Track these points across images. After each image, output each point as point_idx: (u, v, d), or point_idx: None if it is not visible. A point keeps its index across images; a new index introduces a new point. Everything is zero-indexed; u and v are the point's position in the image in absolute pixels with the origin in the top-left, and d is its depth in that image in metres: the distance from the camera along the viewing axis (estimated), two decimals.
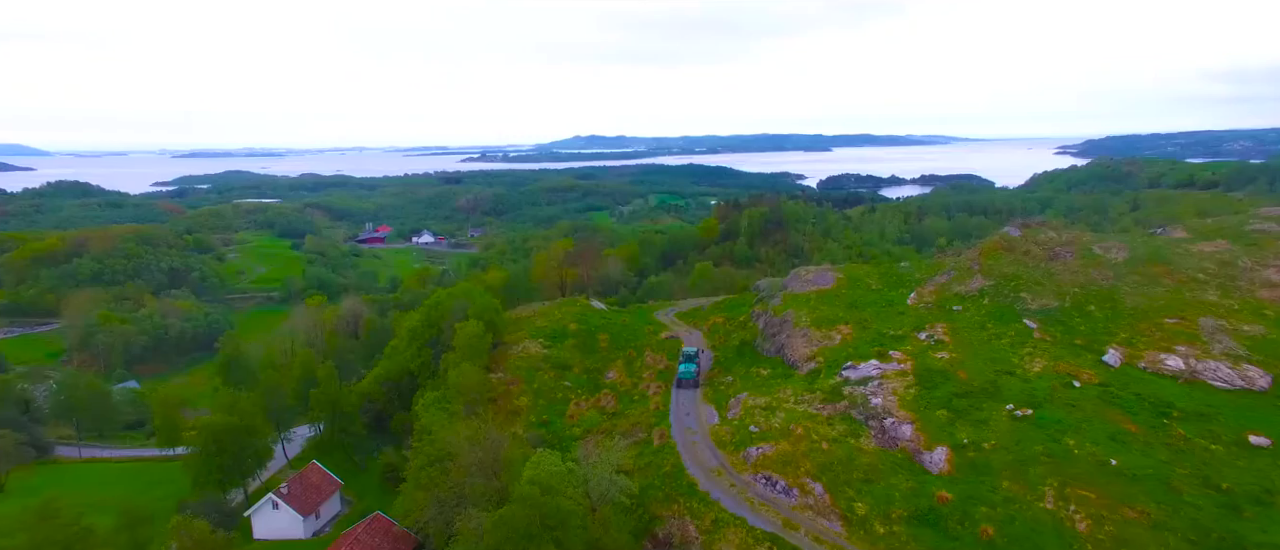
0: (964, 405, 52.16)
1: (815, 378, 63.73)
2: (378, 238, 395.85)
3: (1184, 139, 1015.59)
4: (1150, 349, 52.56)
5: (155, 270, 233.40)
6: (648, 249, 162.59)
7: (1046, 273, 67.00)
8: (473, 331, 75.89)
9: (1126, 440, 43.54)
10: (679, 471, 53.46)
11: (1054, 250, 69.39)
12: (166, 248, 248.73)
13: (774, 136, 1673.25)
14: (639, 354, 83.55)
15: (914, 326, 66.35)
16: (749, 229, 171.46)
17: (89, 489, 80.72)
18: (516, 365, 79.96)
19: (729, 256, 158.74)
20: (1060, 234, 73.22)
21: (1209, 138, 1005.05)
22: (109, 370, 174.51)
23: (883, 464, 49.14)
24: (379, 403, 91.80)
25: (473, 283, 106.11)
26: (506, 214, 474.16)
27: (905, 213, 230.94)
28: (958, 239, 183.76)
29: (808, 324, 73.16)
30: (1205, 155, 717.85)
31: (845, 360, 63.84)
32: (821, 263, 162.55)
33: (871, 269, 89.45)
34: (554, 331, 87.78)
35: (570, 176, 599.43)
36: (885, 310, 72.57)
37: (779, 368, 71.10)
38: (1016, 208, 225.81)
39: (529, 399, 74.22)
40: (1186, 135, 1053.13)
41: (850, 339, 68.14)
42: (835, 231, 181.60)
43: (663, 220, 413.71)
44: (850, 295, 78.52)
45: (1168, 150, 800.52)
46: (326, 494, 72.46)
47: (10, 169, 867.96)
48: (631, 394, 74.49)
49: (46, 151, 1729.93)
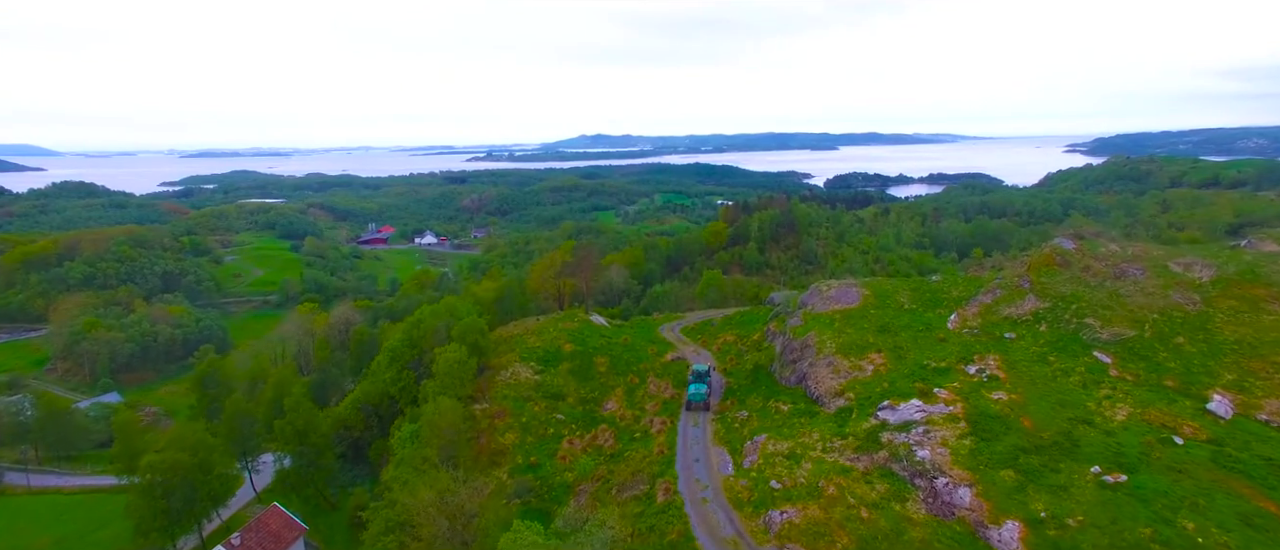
0: (1034, 464, 42.30)
1: (846, 418, 54.05)
2: (380, 238, 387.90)
3: (1195, 137, 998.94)
4: (1271, 396, 42.53)
5: (149, 274, 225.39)
6: (653, 255, 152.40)
7: (1113, 294, 56.93)
8: (453, 358, 66.57)
9: (1267, 526, 33.67)
10: (687, 541, 43.95)
11: (1120, 267, 59.28)
12: (161, 250, 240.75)
13: (780, 135, 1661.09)
14: (641, 380, 74.01)
15: (960, 357, 56.50)
16: (759, 233, 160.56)
17: (29, 527, 71.91)
18: (504, 394, 70.58)
19: (738, 262, 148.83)
20: (1124, 247, 62.90)
21: (1221, 135, 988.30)
22: (94, 379, 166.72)
23: (938, 541, 39.44)
24: (356, 431, 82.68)
25: (461, 298, 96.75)
26: (511, 214, 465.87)
27: (921, 215, 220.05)
28: (980, 244, 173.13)
29: (833, 351, 63.41)
30: (1218, 153, 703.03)
31: (881, 397, 54.14)
32: (837, 269, 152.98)
33: (901, 284, 79.50)
34: (547, 353, 78.36)
35: (575, 176, 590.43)
36: (923, 335, 62.68)
37: (801, 401, 61.39)
38: (1036, 208, 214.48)
39: (516, 435, 64.82)
40: (1198, 132, 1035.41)
41: (884, 370, 58.35)
42: (849, 235, 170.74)
43: (669, 220, 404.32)
44: (880, 316, 68.65)
45: (1179, 148, 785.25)
46: (287, 542, 63.30)
47: (20, 169, 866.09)
48: (633, 429, 64.98)
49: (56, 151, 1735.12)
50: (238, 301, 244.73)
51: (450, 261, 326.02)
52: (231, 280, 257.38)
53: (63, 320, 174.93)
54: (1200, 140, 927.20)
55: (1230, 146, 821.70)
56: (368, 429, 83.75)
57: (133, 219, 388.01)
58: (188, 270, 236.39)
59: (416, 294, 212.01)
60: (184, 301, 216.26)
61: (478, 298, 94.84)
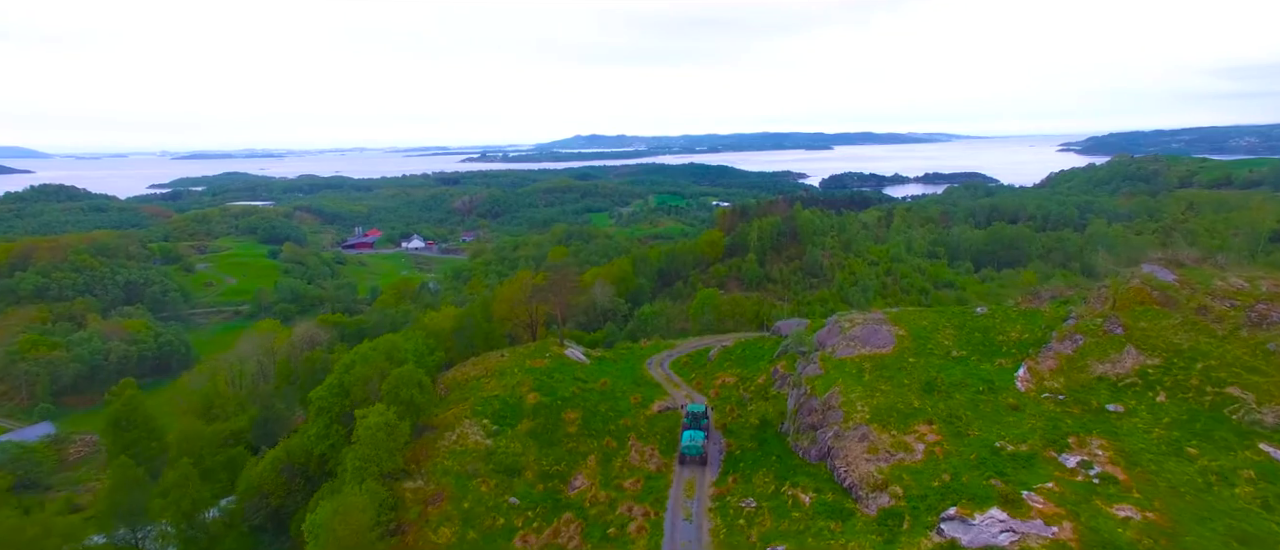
0: None
1: (895, 529, 38.32)
2: (366, 242, 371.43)
3: (1188, 135, 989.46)
4: None
5: (110, 285, 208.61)
6: (642, 268, 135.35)
7: (1258, 349, 41.38)
8: (376, 424, 50.66)
9: None
10: None
11: (1256, 310, 43.71)
12: (125, 259, 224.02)
13: (775, 135, 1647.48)
14: (620, 443, 58.18)
15: (1047, 438, 40.84)
16: (759, 243, 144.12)
17: None
18: (444, 466, 54.65)
19: (736, 276, 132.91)
20: (1257, 284, 47.13)
21: (1214, 133, 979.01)
22: (32, 404, 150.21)
23: None
24: (275, 499, 66.69)
25: (410, 333, 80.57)
26: (503, 216, 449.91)
27: (927, 219, 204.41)
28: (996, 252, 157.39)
29: (867, 417, 47.69)
30: (1211, 151, 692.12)
31: (942, 498, 38.46)
32: (845, 284, 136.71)
33: (940, 316, 63.75)
34: (505, 406, 62.44)
35: (568, 177, 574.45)
36: (985, 399, 47.00)
37: (827, 488, 45.63)
38: (1050, 212, 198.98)
39: (454, 529, 48.92)
40: (1190, 131, 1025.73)
41: (941, 453, 42.62)
42: (856, 243, 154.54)
43: (663, 222, 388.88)
44: (923, 367, 52.94)
45: (1172, 147, 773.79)
46: None
47: (8, 171, 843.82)
48: (605, 519, 49.16)
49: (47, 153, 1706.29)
50: (208, 312, 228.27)
51: (436, 267, 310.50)
52: (202, 290, 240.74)
53: (1, 338, 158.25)
54: (1193, 139, 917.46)
55: (1223, 145, 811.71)
56: (291, 495, 67.76)
57: (113, 223, 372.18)
58: (153, 280, 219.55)
59: (393, 306, 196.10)
60: (146, 314, 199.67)
61: (431, 331, 78.77)
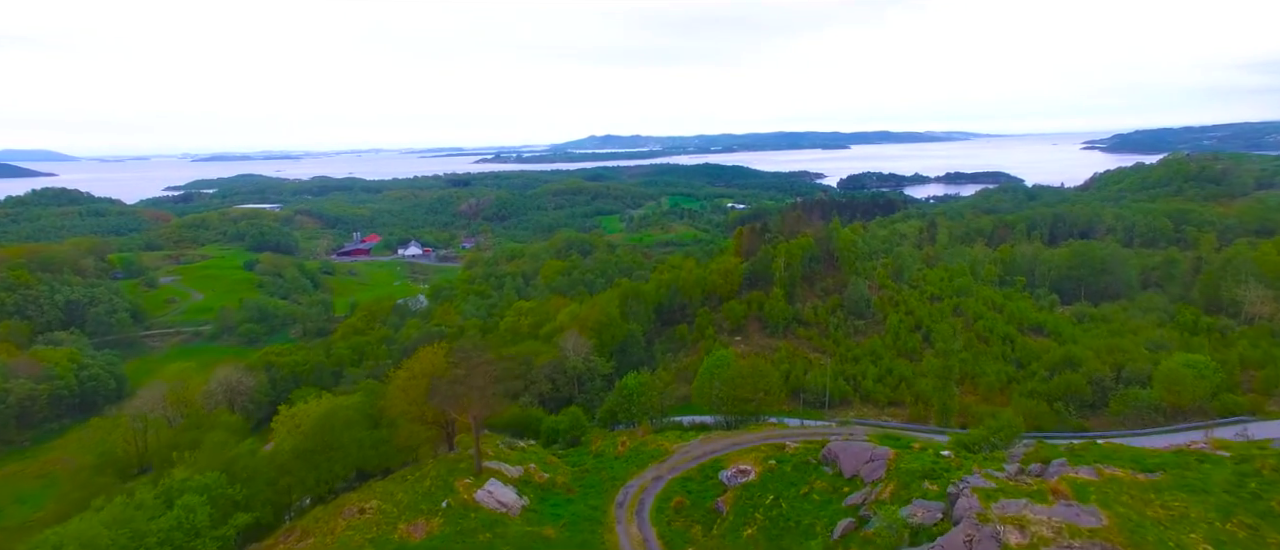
0: None
1: None
2: (362, 249, 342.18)
3: (1220, 132, 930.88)
4: None
5: (47, 305, 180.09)
6: (633, 308, 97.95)
7: None
8: None
9: None
10: None
11: None
12: (70, 274, 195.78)
13: (790, 134, 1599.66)
14: None
15: None
16: (788, 272, 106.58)
17: None
18: None
19: (757, 316, 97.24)
20: None
21: (1247, 130, 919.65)
22: None
23: None
24: None
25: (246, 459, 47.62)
26: (510, 219, 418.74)
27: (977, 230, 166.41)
28: (1083, 277, 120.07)
29: None
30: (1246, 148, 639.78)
31: None
32: (901, 330, 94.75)
33: (1167, 472, 29.74)
34: None
35: (580, 178, 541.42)
36: None
37: None
38: (1134, 223, 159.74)
39: None
40: (1222, 127, 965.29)
41: None
42: (908, 269, 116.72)
43: (675, 227, 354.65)
44: None
45: (1204, 144, 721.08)
46: None
47: (29, 174, 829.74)
48: None
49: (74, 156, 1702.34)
50: (164, 334, 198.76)
51: (431, 276, 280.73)
52: (163, 307, 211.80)
53: None
54: (1225, 135, 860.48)
55: (1258, 141, 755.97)
56: None
57: (110, 228, 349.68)
58: (99, 298, 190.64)
59: (360, 333, 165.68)
60: (82, 340, 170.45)
61: (272, 459, 46.13)
